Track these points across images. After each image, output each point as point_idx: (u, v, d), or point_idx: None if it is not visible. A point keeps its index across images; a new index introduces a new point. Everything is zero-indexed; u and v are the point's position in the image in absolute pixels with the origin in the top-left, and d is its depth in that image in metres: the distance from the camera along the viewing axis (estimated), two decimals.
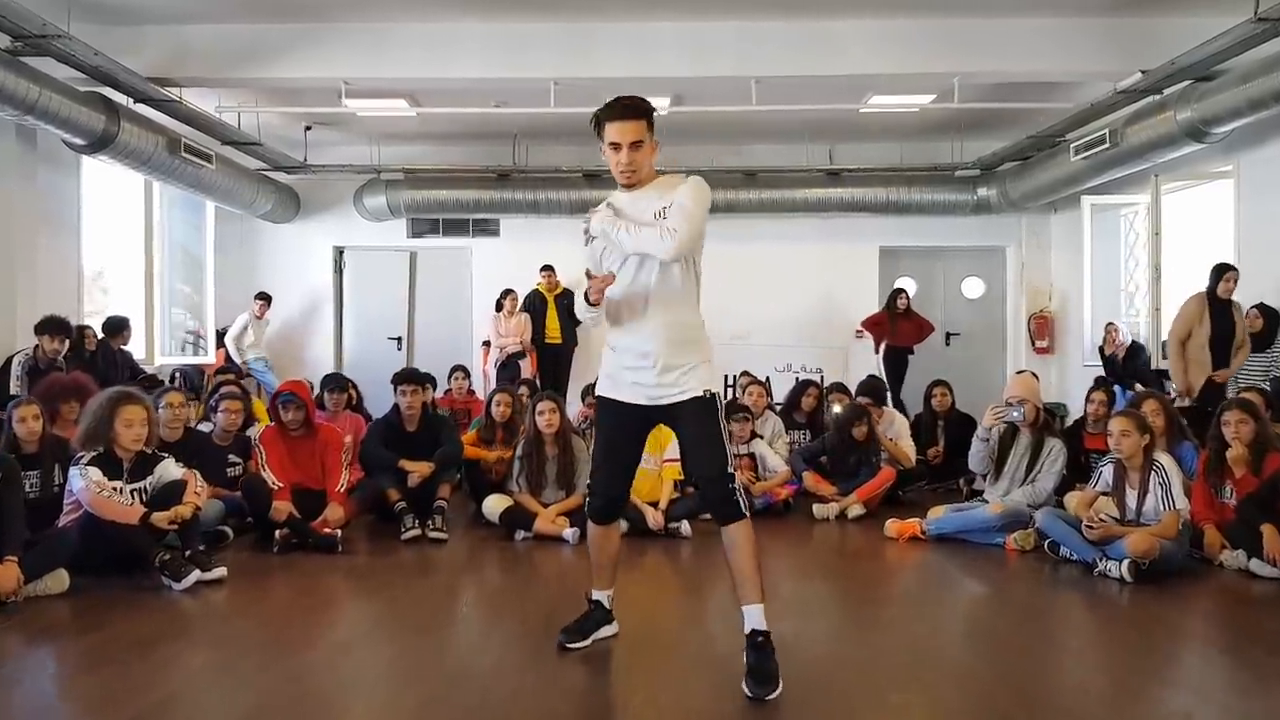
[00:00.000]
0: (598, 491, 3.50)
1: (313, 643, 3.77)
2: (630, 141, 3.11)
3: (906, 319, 10.52)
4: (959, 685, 3.24)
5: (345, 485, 5.57)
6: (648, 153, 3.16)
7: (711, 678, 3.24)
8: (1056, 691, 3.19)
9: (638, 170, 3.16)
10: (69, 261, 8.76)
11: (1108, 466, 4.86)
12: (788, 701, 3.00)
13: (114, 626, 3.89)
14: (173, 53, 7.76)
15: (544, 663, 3.42)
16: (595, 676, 3.36)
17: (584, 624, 3.54)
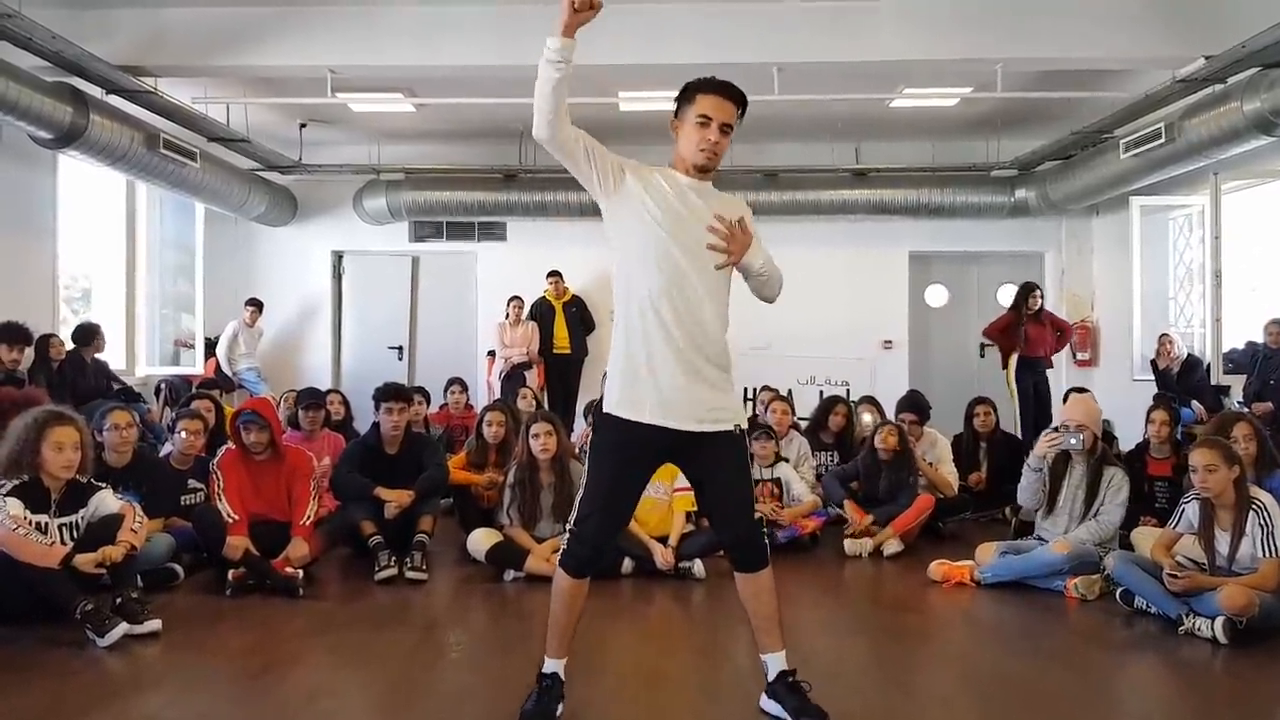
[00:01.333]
0: (587, 540, 2.89)
1: (258, 714, 3.12)
2: (723, 122, 2.83)
3: (1038, 322, 8.70)
4: None
5: (313, 517, 4.93)
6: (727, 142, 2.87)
7: None
8: None
9: (718, 157, 2.87)
10: (42, 266, 8.20)
11: (1190, 504, 4.14)
12: None
13: (22, 692, 3.28)
14: (146, 39, 7.18)
15: None
16: None
17: (547, 704, 2.91)
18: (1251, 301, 8.39)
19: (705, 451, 2.87)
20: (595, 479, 2.91)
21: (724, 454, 2.88)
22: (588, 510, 2.89)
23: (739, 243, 2.84)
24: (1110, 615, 4.24)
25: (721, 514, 2.99)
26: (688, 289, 2.80)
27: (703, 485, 3.01)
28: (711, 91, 2.82)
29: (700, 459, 2.91)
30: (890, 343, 10.96)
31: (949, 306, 11.42)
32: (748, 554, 2.92)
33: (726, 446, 2.87)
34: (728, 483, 2.91)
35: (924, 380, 10.33)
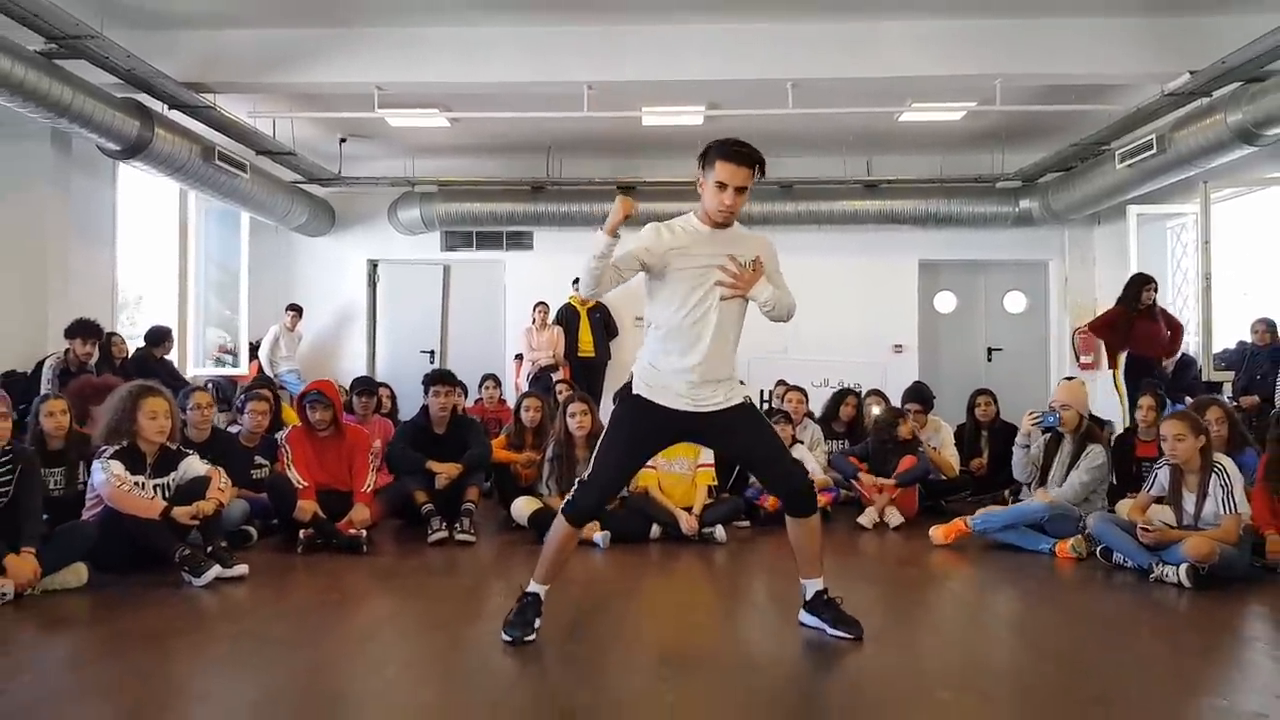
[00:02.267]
0: (594, 492, 3.39)
1: (330, 637, 3.63)
2: (738, 185, 3.26)
3: (1150, 318, 7.84)
4: (1011, 688, 3.06)
5: (372, 486, 5.46)
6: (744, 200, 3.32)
7: (750, 687, 3.06)
8: (1115, 694, 2.97)
9: (735, 214, 3.34)
10: (103, 270, 8.79)
11: (1163, 470, 4.63)
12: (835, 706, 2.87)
13: (128, 619, 3.79)
14: (206, 57, 7.77)
15: (570, 662, 3.26)
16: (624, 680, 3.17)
17: (525, 615, 3.41)
18: (1244, 305, 8.82)
19: (723, 426, 3.38)
20: (616, 442, 3.42)
21: (742, 422, 3.39)
22: (603, 465, 3.40)
23: (745, 280, 3.33)
24: (1091, 570, 4.72)
25: (767, 472, 3.56)
26: (702, 324, 3.33)
27: (738, 455, 3.64)
28: (728, 159, 3.23)
29: (722, 434, 3.45)
30: (901, 347, 11.41)
31: (957, 312, 11.89)
32: (799, 502, 3.42)
33: (741, 416, 3.39)
34: (759, 443, 3.42)
35: (933, 382, 10.62)
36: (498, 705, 2.85)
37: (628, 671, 3.20)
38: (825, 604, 3.48)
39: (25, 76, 6.25)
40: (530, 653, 3.30)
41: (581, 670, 3.24)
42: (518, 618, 3.40)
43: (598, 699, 2.95)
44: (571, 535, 3.44)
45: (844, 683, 3.16)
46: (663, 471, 5.63)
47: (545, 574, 3.46)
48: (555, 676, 3.15)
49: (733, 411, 3.37)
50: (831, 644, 3.41)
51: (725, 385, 3.36)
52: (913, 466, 6.10)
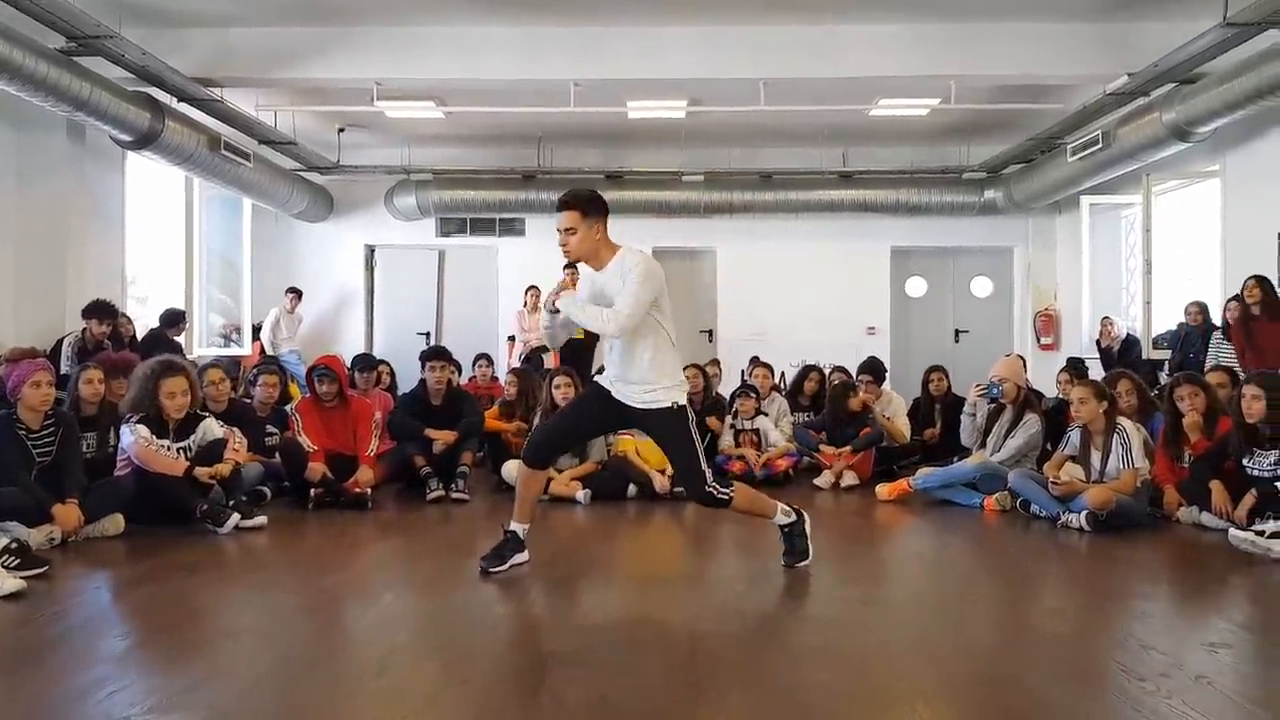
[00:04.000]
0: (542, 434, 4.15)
1: (345, 567, 4.24)
2: (564, 228, 3.82)
3: (1270, 319, 7.01)
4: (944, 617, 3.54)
5: (375, 449, 6.02)
6: (582, 236, 3.81)
7: (717, 603, 3.67)
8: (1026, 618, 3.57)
9: (571, 251, 3.84)
10: (113, 253, 9.30)
11: (1075, 431, 5.25)
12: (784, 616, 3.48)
13: (162, 557, 4.37)
14: (215, 54, 8.27)
15: (559, 598, 3.84)
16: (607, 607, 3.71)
17: (501, 550, 3.99)
18: (1188, 289, 9.39)
19: (648, 424, 3.95)
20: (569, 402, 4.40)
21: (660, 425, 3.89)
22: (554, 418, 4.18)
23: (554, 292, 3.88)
24: (1013, 520, 5.37)
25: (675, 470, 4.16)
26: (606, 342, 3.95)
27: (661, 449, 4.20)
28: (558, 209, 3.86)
29: (648, 429, 4.04)
30: (874, 329, 12.00)
31: (927, 296, 12.51)
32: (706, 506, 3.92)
33: (662, 419, 3.85)
34: (668, 448, 4.00)
35: (904, 362, 11.41)
36: (480, 621, 3.43)
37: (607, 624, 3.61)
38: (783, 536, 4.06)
39: (47, 73, 6.72)
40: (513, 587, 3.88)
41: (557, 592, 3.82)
42: (492, 551, 4.00)
43: (569, 611, 3.53)
44: (529, 475, 4.03)
45: (792, 603, 3.76)
46: (639, 438, 6.21)
47: (520, 512, 4.06)
48: (533, 597, 3.73)
49: (649, 413, 3.86)
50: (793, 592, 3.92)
51: (639, 388, 3.83)
52: (868, 434, 6.69)
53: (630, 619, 3.47)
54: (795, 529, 4.05)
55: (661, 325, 3.84)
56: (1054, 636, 3.24)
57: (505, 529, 4.05)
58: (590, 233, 3.81)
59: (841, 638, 3.17)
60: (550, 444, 4.14)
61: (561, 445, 4.28)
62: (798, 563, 4.02)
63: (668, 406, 3.82)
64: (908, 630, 3.30)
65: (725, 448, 6.80)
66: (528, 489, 4.06)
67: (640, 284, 3.72)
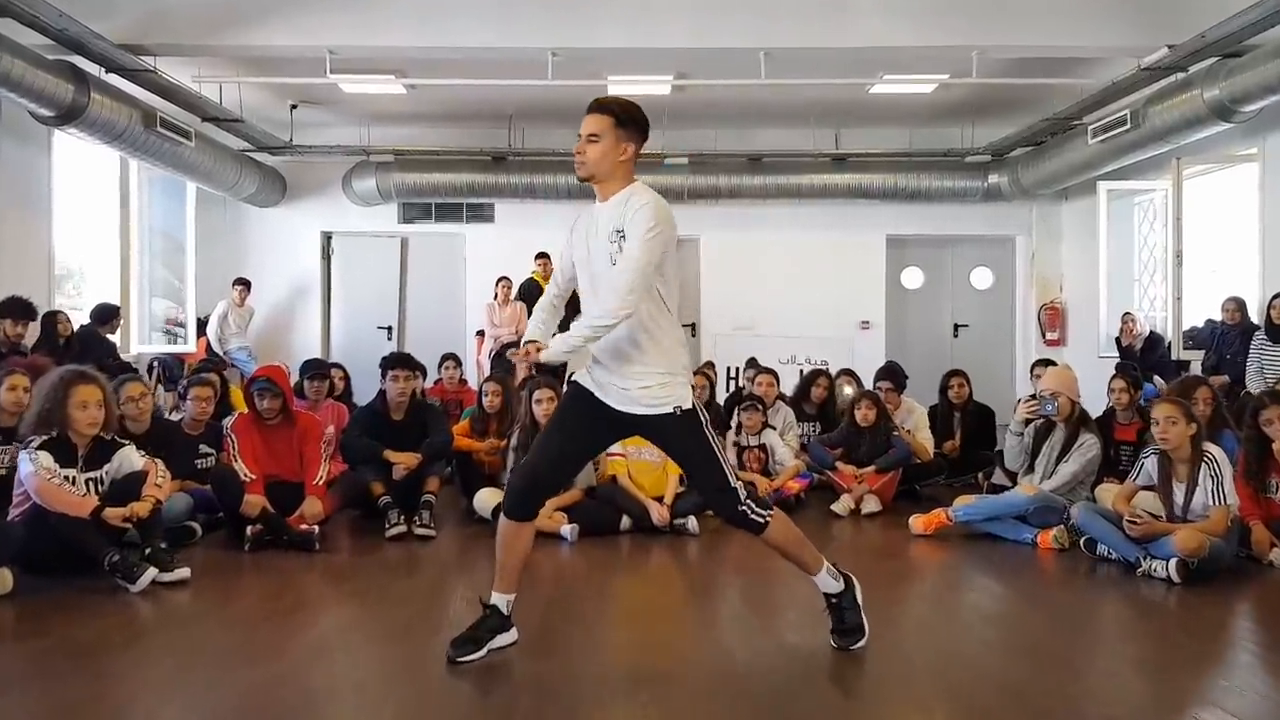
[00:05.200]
0: (523, 479, 3.14)
1: (283, 650, 3.36)
2: (587, 133, 3.03)
3: None
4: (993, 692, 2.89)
5: (325, 478, 5.17)
6: (605, 149, 3.01)
7: (727, 694, 2.88)
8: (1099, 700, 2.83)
9: (586, 163, 3.04)
10: (39, 243, 8.33)
11: (1150, 458, 4.48)
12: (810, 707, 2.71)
13: (59, 632, 3.50)
14: (145, 18, 7.32)
15: (539, 673, 3.05)
16: (597, 690, 2.96)
17: (477, 631, 3.13)
18: (1212, 282, 8.76)
19: (657, 431, 3.09)
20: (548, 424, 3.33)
21: (672, 433, 3.07)
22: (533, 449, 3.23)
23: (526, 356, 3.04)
24: (1075, 562, 4.58)
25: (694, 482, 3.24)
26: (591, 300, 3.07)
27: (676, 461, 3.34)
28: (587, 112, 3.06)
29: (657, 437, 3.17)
30: (868, 323, 11.27)
31: (924, 288, 11.77)
32: (738, 526, 3.08)
33: (672, 427, 3.03)
34: (689, 465, 3.16)
35: (899, 359, 10.55)
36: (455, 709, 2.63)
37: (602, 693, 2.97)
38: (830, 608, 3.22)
39: None
40: (496, 670, 3.07)
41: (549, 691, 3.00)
42: (467, 633, 3.14)
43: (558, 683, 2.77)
44: (515, 530, 3.11)
45: (826, 689, 2.99)
46: (632, 460, 5.41)
47: (499, 580, 3.18)
48: (523, 702, 2.92)
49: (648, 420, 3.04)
50: (812, 648, 3.24)
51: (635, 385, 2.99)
52: (892, 452, 5.93)
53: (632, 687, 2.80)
54: (845, 600, 3.21)
55: (661, 297, 2.99)
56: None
57: (483, 603, 3.18)
58: (616, 150, 2.99)
59: None
60: (535, 488, 3.15)
61: (550, 484, 3.30)
62: (853, 644, 3.19)
63: (668, 413, 2.99)
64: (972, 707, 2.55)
65: None
66: (511, 550, 3.13)
67: (646, 237, 2.88)
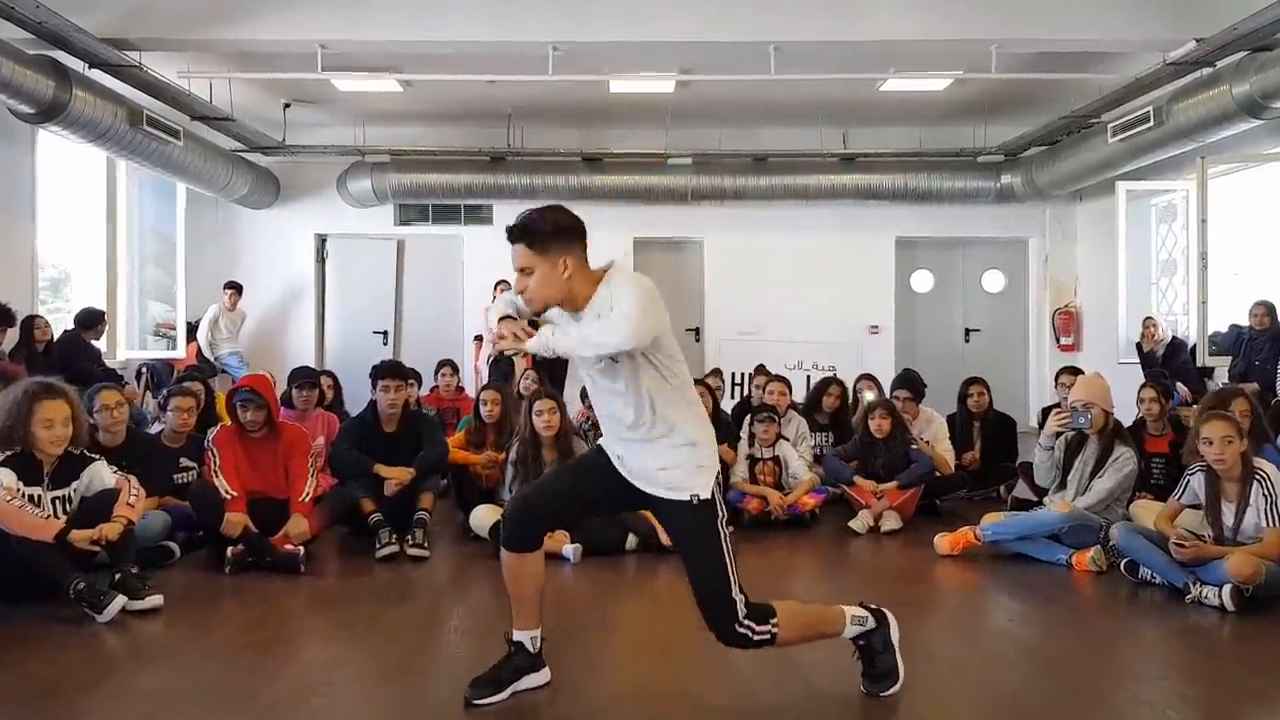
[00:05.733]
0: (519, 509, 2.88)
1: (262, 693, 3.05)
2: (519, 267, 2.69)
3: None
4: None
5: (311, 494, 4.86)
6: (542, 277, 2.65)
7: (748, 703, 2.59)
8: None
9: (533, 300, 2.70)
10: (21, 245, 8.04)
11: (1196, 476, 4.17)
12: None
13: (19, 668, 3.20)
14: (130, 11, 7.01)
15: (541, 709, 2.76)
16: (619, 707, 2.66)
17: (500, 671, 2.88)
18: (1234, 285, 8.46)
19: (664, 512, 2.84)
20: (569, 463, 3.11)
21: (679, 523, 2.79)
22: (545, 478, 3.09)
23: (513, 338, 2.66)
24: (1115, 586, 4.27)
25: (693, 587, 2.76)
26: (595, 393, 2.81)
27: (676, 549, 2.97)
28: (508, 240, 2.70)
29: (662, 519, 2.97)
30: (877, 328, 10.97)
31: (935, 291, 11.46)
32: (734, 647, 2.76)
33: (680, 514, 2.74)
34: (693, 562, 2.75)
35: (909, 364, 10.28)
36: None
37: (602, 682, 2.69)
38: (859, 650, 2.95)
39: None
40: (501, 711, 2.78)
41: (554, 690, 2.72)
42: (489, 673, 2.87)
43: None
44: (517, 561, 2.85)
45: None
46: None
47: (516, 615, 2.93)
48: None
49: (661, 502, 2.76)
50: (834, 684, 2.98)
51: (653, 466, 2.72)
52: (914, 467, 5.63)
53: None
54: (875, 640, 2.89)
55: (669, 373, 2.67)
56: None
57: (508, 639, 2.91)
58: (555, 271, 2.63)
59: None
60: (539, 518, 2.90)
61: (548, 519, 3.00)
62: (886, 690, 2.87)
63: (684, 500, 2.68)
64: None
65: (739, 482, 5.69)
66: (519, 582, 2.88)
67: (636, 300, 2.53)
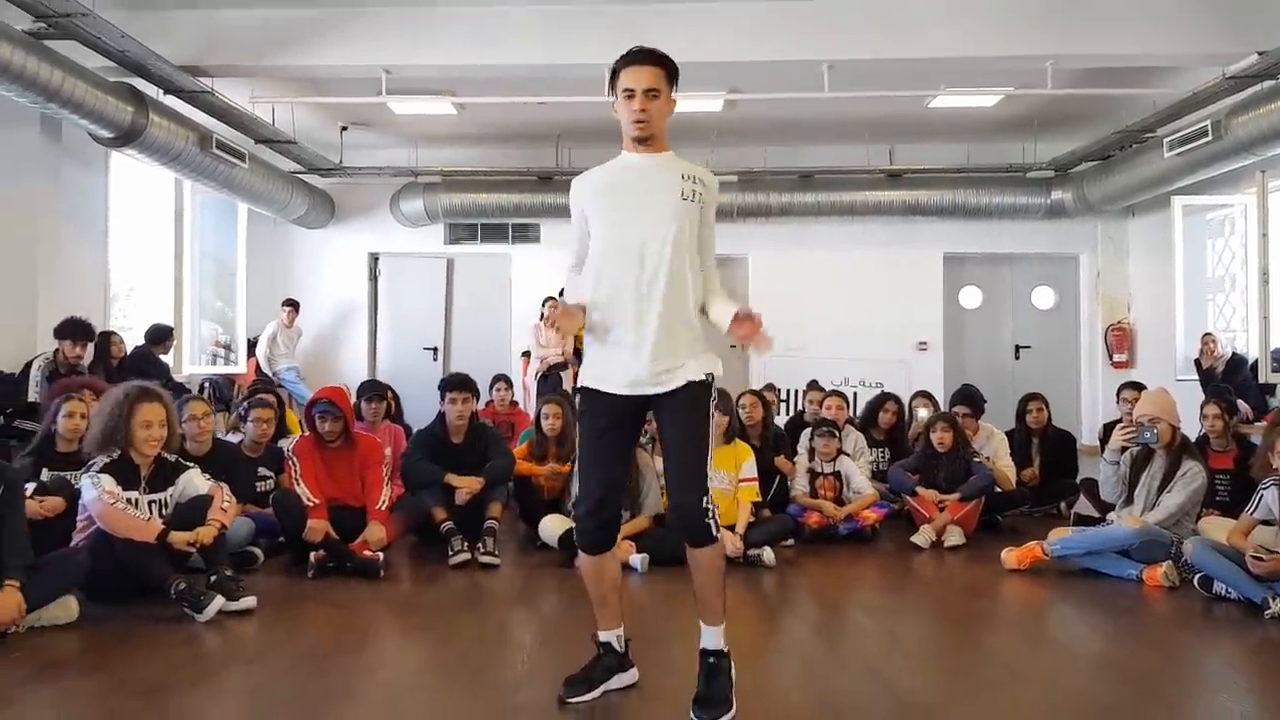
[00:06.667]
0: (589, 506, 2.87)
1: (357, 694, 3.17)
2: (645, 88, 2.79)
3: None
4: None
5: (388, 502, 5.01)
6: (664, 103, 2.83)
7: None
8: None
9: (651, 121, 2.81)
10: (95, 264, 8.34)
11: (1270, 490, 4.18)
12: None
13: (125, 667, 3.34)
14: (204, 39, 7.30)
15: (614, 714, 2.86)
16: None
17: (591, 671, 3.00)
18: None
19: (666, 405, 2.82)
20: (584, 447, 2.93)
21: (678, 403, 2.80)
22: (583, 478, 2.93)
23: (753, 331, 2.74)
24: (1190, 601, 4.26)
25: (669, 470, 2.85)
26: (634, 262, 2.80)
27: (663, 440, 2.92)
28: (627, 64, 2.80)
29: (662, 412, 2.85)
30: (925, 344, 10.98)
31: (983, 308, 11.46)
32: (689, 530, 2.77)
33: (684, 395, 2.78)
34: (683, 437, 2.79)
35: (959, 381, 10.30)
36: None
37: None
38: (706, 668, 2.81)
39: (12, 58, 5.82)
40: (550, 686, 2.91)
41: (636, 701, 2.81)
42: (581, 673, 2.99)
43: None
44: (595, 563, 2.96)
45: None
46: None
47: (600, 616, 3.05)
48: None
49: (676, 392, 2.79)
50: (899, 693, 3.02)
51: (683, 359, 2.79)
52: (975, 479, 5.66)
53: None
54: (725, 664, 2.82)
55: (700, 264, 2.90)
56: None
57: (595, 640, 3.04)
58: (668, 104, 2.84)
59: None
60: (612, 514, 2.94)
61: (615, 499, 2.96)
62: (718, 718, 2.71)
63: (703, 379, 2.80)
64: None
65: (799, 495, 5.76)
66: (599, 582, 3.00)
67: None
